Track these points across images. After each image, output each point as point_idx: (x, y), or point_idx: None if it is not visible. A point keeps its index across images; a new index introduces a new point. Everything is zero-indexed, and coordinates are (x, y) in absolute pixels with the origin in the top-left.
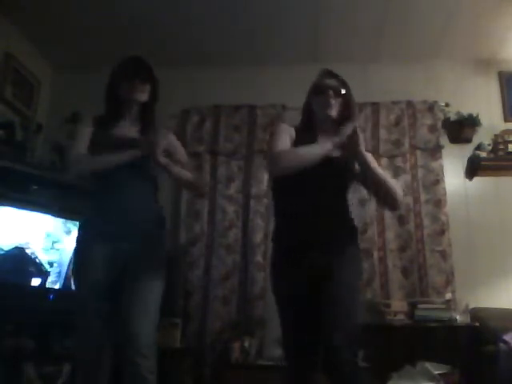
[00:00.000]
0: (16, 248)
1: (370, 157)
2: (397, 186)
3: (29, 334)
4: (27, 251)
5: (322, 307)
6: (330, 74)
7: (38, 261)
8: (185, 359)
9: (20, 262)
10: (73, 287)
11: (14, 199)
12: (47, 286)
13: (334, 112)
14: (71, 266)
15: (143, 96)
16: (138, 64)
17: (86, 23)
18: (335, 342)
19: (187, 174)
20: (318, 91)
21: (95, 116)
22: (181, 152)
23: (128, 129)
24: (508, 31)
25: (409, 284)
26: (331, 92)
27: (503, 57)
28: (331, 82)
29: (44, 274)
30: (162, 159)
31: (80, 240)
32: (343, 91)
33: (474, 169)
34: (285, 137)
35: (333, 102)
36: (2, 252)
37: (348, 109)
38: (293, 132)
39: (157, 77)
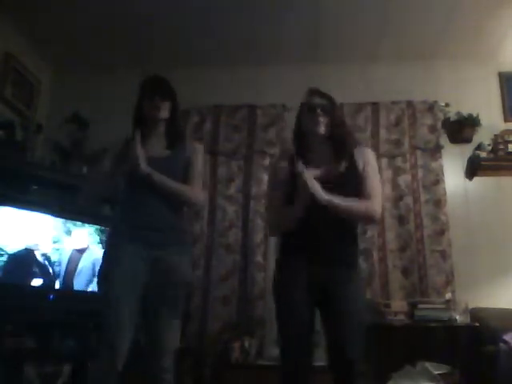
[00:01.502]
0: (25, 249)
1: (332, 199)
2: (363, 205)
3: (29, 334)
4: (36, 252)
5: (330, 332)
6: (317, 92)
7: (45, 262)
8: (185, 359)
9: (24, 262)
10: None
11: (14, 199)
12: (47, 286)
13: (322, 130)
14: (98, 271)
15: (164, 113)
16: (156, 82)
17: (86, 23)
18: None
19: (173, 184)
20: (307, 110)
21: (124, 141)
22: (196, 166)
23: (155, 147)
24: (508, 31)
25: (409, 284)
26: (319, 110)
27: (503, 57)
28: (319, 100)
29: (48, 275)
30: (145, 168)
31: (109, 245)
32: (330, 108)
33: (474, 169)
34: (277, 185)
35: (321, 119)
36: (6, 252)
37: (337, 126)
38: (285, 165)
39: (176, 94)
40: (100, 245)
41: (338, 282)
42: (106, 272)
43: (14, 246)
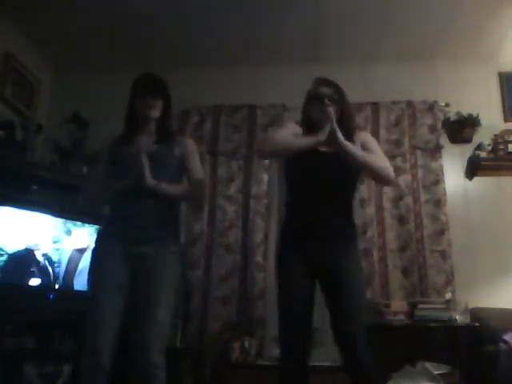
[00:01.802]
0: (25, 249)
1: (351, 146)
2: (385, 164)
3: (29, 333)
4: (36, 252)
5: (333, 306)
6: (324, 81)
7: (45, 262)
8: (185, 359)
9: (24, 262)
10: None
11: (14, 199)
12: (47, 286)
13: None
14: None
15: (156, 112)
16: (149, 81)
17: (86, 23)
18: (350, 330)
19: (177, 189)
20: (315, 99)
21: (115, 138)
22: (194, 161)
23: (145, 142)
24: (508, 31)
25: (409, 284)
26: (327, 100)
27: (503, 57)
28: (326, 89)
29: (48, 275)
30: (150, 181)
31: (97, 244)
32: (338, 97)
33: (474, 169)
34: (287, 129)
35: (328, 109)
36: (6, 252)
37: (344, 113)
38: (299, 130)
39: (169, 92)
40: None
41: (337, 254)
42: (92, 270)
43: (14, 246)
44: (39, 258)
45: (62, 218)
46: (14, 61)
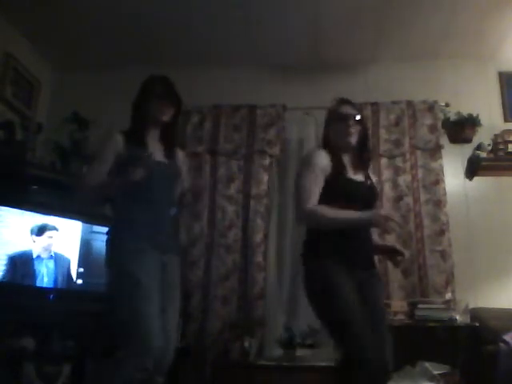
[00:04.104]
0: (25, 249)
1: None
2: None
3: (29, 333)
4: (36, 252)
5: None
6: (346, 102)
7: (45, 262)
8: (185, 359)
9: (24, 262)
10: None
11: (14, 199)
12: (47, 285)
13: (354, 139)
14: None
15: (167, 117)
16: (167, 85)
17: (86, 23)
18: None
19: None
20: (338, 119)
21: (123, 131)
22: (187, 181)
23: (155, 150)
24: (508, 31)
25: (409, 284)
26: (351, 121)
27: (503, 57)
28: (350, 110)
29: (48, 275)
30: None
31: (124, 245)
32: (359, 118)
33: (474, 169)
34: (319, 181)
35: (353, 130)
36: (6, 253)
37: (364, 134)
38: (327, 161)
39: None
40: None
41: (371, 281)
42: (130, 273)
43: (14, 246)
44: (39, 257)
45: (63, 217)
46: (14, 61)
